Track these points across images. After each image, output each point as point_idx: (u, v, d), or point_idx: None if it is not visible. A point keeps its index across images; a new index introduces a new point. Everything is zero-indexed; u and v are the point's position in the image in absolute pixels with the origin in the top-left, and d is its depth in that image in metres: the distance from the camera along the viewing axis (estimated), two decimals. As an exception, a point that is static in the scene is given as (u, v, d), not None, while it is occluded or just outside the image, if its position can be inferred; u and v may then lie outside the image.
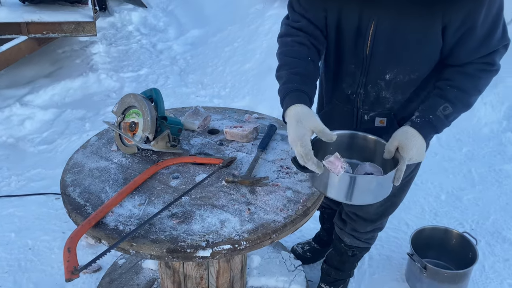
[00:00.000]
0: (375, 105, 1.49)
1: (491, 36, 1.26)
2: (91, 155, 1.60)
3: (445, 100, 1.33)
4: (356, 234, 1.89)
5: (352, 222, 1.86)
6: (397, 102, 1.47)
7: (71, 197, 1.37)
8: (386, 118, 1.49)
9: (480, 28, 1.24)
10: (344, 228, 1.91)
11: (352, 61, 1.43)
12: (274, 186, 1.44)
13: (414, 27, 1.28)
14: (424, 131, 1.32)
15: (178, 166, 1.54)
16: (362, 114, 1.52)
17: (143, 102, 1.56)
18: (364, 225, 1.84)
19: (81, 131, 3.42)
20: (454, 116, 1.36)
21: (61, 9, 4.19)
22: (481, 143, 3.30)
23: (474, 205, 2.67)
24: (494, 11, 1.23)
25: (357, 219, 1.83)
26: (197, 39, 5.29)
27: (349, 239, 1.92)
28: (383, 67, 1.39)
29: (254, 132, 1.71)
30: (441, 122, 1.33)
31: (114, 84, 4.29)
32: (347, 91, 1.51)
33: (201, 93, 4.16)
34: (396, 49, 1.34)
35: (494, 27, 1.25)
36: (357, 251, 1.97)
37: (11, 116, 3.50)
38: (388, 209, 1.80)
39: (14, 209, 2.55)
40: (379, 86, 1.44)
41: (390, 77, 1.41)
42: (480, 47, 1.28)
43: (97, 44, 5.03)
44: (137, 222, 1.27)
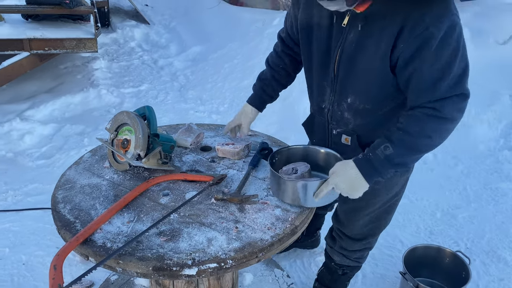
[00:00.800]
0: (340, 123, 1.57)
1: (439, 83, 1.25)
2: (83, 172, 1.62)
3: (388, 140, 1.34)
4: (345, 253, 1.89)
5: (340, 240, 1.87)
6: (358, 126, 1.53)
7: (61, 214, 1.39)
8: (350, 137, 1.56)
9: (428, 72, 1.25)
10: (334, 246, 1.93)
11: (324, 78, 1.53)
12: (263, 204, 1.45)
13: (364, 59, 1.35)
14: (362, 168, 1.36)
15: (169, 183, 1.55)
16: (331, 128, 1.62)
17: (136, 119, 1.58)
18: (351, 244, 1.85)
19: (79, 146, 3.44)
20: (398, 159, 1.33)
21: (63, 26, 4.27)
22: (477, 160, 3.30)
23: (469, 223, 2.66)
24: (444, 60, 1.23)
25: (344, 237, 1.84)
26: (198, 55, 5.35)
27: (338, 257, 1.93)
28: (345, 89, 1.48)
29: (246, 149, 1.73)
30: (380, 162, 1.34)
31: (114, 100, 4.33)
32: (321, 105, 1.61)
33: (200, 108, 4.19)
34: (353, 72, 1.41)
35: (443, 74, 1.24)
36: (347, 270, 1.97)
37: (11, 130, 3.53)
38: (373, 230, 1.81)
39: (10, 224, 2.56)
40: (343, 107, 1.52)
41: (350, 101, 1.49)
42: (426, 91, 1.28)
43: (99, 59, 5.09)
44: (125, 239, 1.28)
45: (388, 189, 1.64)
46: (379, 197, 1.66)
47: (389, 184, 1.62)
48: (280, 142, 1.88)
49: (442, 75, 1.25)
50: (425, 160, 3.30)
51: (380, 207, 1.70)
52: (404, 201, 2.82)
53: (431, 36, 1.21)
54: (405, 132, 1.32)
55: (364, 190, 1.39)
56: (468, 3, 5.64)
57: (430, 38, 1.21)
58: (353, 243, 1.84)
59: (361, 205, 1.67)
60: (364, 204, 1.65)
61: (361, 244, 1.84)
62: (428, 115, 1.29)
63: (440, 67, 1.24)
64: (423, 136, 1.31)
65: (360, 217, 1.74)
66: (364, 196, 1.43)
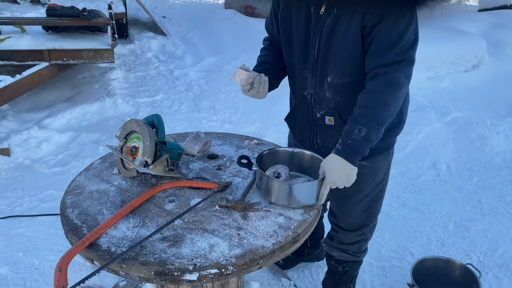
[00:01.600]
0: (322, 104, 1.67)
1: (394, 46, 1.43)
2: (92, 178, 1.66)
3: (356, 122, 1.46)
4: (343, 247, 1.95)
5: (337, 235, 1.95)
6: (338, 103, 1.64)
7: (69, 218, 1.42)
8: (333, 117, 1.67)
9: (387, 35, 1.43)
10: (332, 243, 1.99)
11: (305, 66, 1.65)
12: (266, 211, 1.46)
13: (343, 30, 1.49)
14: (347, 156, 1.45)
15: (175, 190, 1.58)
16: (315, 112, 1.71)
17: (144, 127, 1.62)
18: (347, 235, 1.92)
19: (94, 154, 3.51)
20: (373, 134, 1.46)
21: (82, 37, 4.39)
22: (493, 172, 3.24)
23: (482, 236, 2.61)
24: (401, 27, 1.42)
25: (339, 230, 1.93)
26: (213, 66, 5.42)
27: (337, 253, 1.98)
28: (325, 70, 1.60)
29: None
30: (361, 144, 1.45)
31: (130, 109, 4.42)
32: (303, 92, 1.71)
33: (213, 118, 4.24)
34: (331, 52, 1.55)
35: (398, 39, 1.42)
36: (348, 266, 2.00)
37: (29, 138, 3.64)
38: (366, 218, 1.89)
39: (25, 229, 2.63)
40: (324, 87, 1.64)
41: (330, 79, 1.61)
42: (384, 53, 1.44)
43: (116, 70, 5.21)
44: (129, 244, 1.30)
45: (373, 174, 1.76)
46: (366, 182, 1.77)
47: (374, 168, 1.75)
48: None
49: (398, 39, 1.42)
50: (438, 173, 3.27)
51: (369, 194, 1.81)
52: (415, 213, 2.81)
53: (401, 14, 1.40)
54: (365, 107, 1.47)
55: (355, 173, 1.48)
56: (485, 13, 5.59)
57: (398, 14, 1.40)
58: (349, 234, 1.91)
59: (351, 192, 1.72)
60: (354, 190, 1.70)
61: (357, 235, 1.91)
62: (380, 84, 1.46)
63: (397, 32, 1.42)
64: (383, 105, 1.45)
65: (352, 205, 1.84)
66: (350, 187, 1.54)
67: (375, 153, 1.69)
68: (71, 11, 4.23)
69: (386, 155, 1.78)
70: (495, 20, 5.07)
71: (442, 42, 4.25)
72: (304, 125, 1.79)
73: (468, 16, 5.44)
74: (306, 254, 2.32)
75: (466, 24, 4.83)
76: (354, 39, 1.49)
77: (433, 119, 3.67)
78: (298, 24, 1.61)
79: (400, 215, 2.81)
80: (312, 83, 1.66)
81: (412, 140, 3.50)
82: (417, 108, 3.66)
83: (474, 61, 4.31)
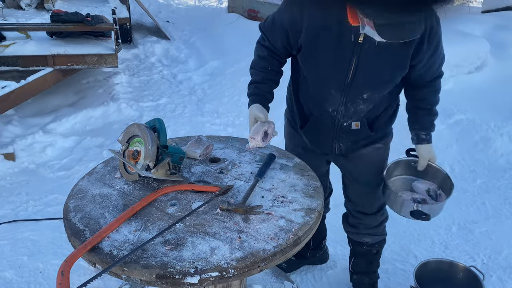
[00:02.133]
0: (353, 116, 1.78)
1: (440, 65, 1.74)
2: (95, 182, 1.67)
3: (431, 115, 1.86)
4: (372, 231, 2.03)
5: (362, 221, 2.01)
6: (369, 111, 1.78)
7: (71, 222, 1.43)
8: (360, 121, 1.79)
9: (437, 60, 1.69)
10: (359, 231, 2.04)
11: (333, 87, 1.70)
12: (267, 214, 1.46)
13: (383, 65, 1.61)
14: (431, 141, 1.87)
15: (177, 193, 1.59)
16: (341, 123, 1.80)
17: (146, 131, 1.63)
18: (374, 219, 2.01)
19: (98, 158, 3.54)
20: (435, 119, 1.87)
21: (85, 42, 4.43)
22: (496, 174, 3.23)
23: (487, 238, 2.60)
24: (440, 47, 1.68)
25: (365, 217, 2.01)
26: (216, 70, 5.45)
27: (369, 238, 2.05)
28: (361, 90, 1.69)
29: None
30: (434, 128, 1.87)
31: (134, 113, 4.45)
32: (328, 109, 1.77)
33: (216, 121, 4.25)
34: (368, 81, 1.66)
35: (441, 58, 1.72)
36: (379, 246, 2.09)
37: (34, 143, 3.67)
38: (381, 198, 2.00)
39: (29, 233, 2.65)
40: (358, 103, 1.72)
41: (367, 96, 1.70)
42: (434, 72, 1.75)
43: (120, 74, 5.25)
44: (131, 247, 1.31)
45: (385, 153, 1.95)
46: (381, 163, 1.94)
47: (386, 148, 1.93)
48: (288, 154, 1.90)
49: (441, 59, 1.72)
50: (441, 174, 3.25)
51: (379, 175, 1.93)
52: (419, 215, 2.79)
53: (440, 36, 1.62)
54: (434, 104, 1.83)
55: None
56: (488, 15, 5.57)
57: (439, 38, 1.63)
58: (375, 216, 2.01)
59: (372, 177, 1.93)
60: (374, 174, 1.92)
61: (380, 216, 2.01)
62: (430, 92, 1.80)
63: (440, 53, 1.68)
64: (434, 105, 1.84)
65: (373, 189, 1.96)
66: (370, 167, 1.91)
67: (386, 135, 1.90)
68: (75, 16, 4.27)
69: (392, 135, 1.96)
70: (498, 22, 5.06)
71: (445, 44, 4.22)
72: (324, 132, 1.85)
73: (471, 17, 5.43)
74: (309, 257, 2.32)
75: (470, 26, 4.83)
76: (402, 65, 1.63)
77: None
78: (327, 49, 1.60)
79: (403, 218, 2.78)
80: (341, 101, 1.72)
81: (415, 142, 3.49)
82: (420, 110, 3.65)
83: (478, 62, 4.30)
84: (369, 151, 1.88)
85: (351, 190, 2.01)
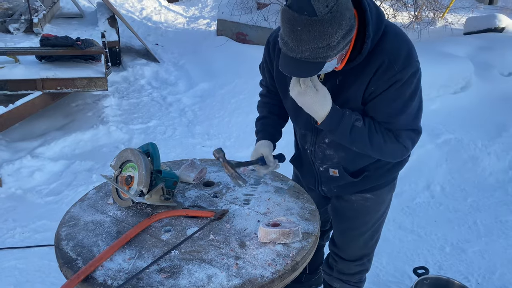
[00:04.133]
0: (324, 160, 1.72)
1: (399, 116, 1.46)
2: (87, 208, 1.64)
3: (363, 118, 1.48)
4: (344, 278, 1.96)
5: (337, 265, 1.96)
6: (343, 158, 1.67)
7: (63, 251, 1.40)
8: (337, 169, 1.70)
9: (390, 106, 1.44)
10: (332, 273, 1.99)
11: (303, 127, 1.69)
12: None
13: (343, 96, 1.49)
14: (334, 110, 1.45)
15: (171, 219, 1.57)
16: (317, 166, 1.75)
17: (139, 156, 1.62)
18: (348, 266, 1.93)
19: (87, 182, 3.49)
20: (356, 135, 1.47)
21: (75, 66, 4.42)
22: (486, 193, 3.26)
23: (480, 258, 2.60)
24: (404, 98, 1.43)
25: (340, 261, 1.93)
26: (205, 91, 5.46)
27: (338, 284, 1.98)
28: (323, 133, 1.64)
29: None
30: (347, 121, 1.46)
31: (123, 136, 4.41)
32: (304, 146, 1.77)
33: (207, 143, 4.24)
34: None
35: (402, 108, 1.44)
36: None
37: (21, 168, 3.60)
38: (367, 249, 1.93)
39: (16, 261, 2.57)
40: (323, 147, 1.68)
41: (328, 141, 1.65)
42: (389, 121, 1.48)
43: (109, 97, 5.22)
44: (126, 276, 1.28)
45: (377, 206, 1.80)
46: (370, 215, 1.81)
47: (378, 200, 1.79)
48: (283, 177, 1.89)
49: (402, 110, 1.45)
50: (432, 194, 3.28)
51: (372, 226, 1.84)
52: (412, 236, 2.80)
53: (398, 80, 1.40)
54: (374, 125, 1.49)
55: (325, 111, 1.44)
56: (470, 37, 5.73)
57: (397, 81, 1.41)
58: (350, 264, 1.92)
59: (355, 224, 1.83)
60: (358, 223, 1.81)
61: (357, 265, 1.92)
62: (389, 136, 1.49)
63: (401, 103, 1.44)
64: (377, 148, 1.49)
65: (355, 237, 1.86)
66: (357, 214, 1.74)
67: (379, 186, 1.74)
68: (65, 40, 4.27)
69: (390, 188, 1.81)
70: (480, 43, 5.21)
71: (430, 65, 4.33)
72: (308, 174, 1.84)
73: (454, 39, 5.59)
74: (303, 281, 2.29)
75: (453, 47, 4.95)
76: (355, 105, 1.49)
77: (425, 140, 3.70)
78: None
79: (396, 238, 2.80)
80: (311, 140, 1.70)
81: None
82: (409, 130, 3.70)
83: (463, 83, 4.40)
84: (357, 198, 1.78)
85: (335, 229, 1.95)
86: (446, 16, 7.58)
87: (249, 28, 6.39)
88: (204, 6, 9.79)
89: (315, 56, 1.26)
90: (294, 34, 1.22)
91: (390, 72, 1.40)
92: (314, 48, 1.23)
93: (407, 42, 1.44)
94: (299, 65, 1.29)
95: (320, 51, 1.24)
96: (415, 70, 1.42)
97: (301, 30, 1.21)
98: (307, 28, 1.20)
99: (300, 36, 1.22)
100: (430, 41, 5.70)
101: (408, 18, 6.52)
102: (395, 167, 1.72)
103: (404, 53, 1.41)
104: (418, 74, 1.44)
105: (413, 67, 1.42)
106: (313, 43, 1.22)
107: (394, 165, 1.70)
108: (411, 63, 1.41)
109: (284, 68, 1.34)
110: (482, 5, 8.99)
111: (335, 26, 1.21)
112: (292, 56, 1.28)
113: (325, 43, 1.23)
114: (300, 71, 1.33)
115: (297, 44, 1.24)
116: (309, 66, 1.29)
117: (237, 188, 1.76)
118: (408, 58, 1.41)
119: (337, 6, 1.20)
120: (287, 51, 1.28)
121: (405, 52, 1.41)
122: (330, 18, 1.20)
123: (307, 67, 1.30)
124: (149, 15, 8.98)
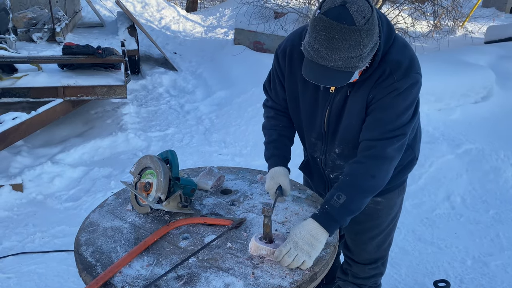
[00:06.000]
0: (334, 168, 1.74)
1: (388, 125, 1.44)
2: (106, 214, 1.66)
3: (338, 189, 1.45)
4: (358, 282, 1.94)
5: (351, 268, 1.95)
6: None
7: (83, 256, 1.41)
8: None
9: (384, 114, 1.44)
10: (347, 278, 1.98)
11: (314, 136, 1.70)
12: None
13: (350, 115, 1.52)
14: (322, 220, 1.40)
15: (189, 226, 1.57)
16: (327, 173, 1.77)
17: (158, 163, 1.63)
18: (362, 269, 1.92)
19: (106, 188, 3.53)
20: (352, 204, 1.44)
21: (95, 74, 4.50)
22: (509, 205, 3.18)
23: (503, 272, 2.53)
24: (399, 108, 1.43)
25: (354, 264, 1.93)
26: (223, 100, 5.50)
27: None
28: (333, 143, 1.66)
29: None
30: (337, 211, 1.42)
31: (142, 143, 4.46)
32: (314, 155, 1.78)
33: (224, 151, 4.25)
34: (339, 131, 1.61)
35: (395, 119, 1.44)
36: None
37: (42, 173, 3.67)
38: (380, 252, 1.91)
39: (36, 266, 2.61)
40: (333, 156, 1.69)
41: (338, 151, 1.67)
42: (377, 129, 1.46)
43: (128, 105, 5.30)
44: (144, 283, 1.28)
45: (389, 209, 1.80)
46: (381, 218, 1.81)
47: (389, 204, 1.78)
48: (300, 186, 1.88)
49: (394, 120, 1.44)
50: (453, 205, 3.21)
51: (384, 229, 1.83)
52: (432, 248, 2.74)
53: (396, 89, 1.41)
54: (351, 176, 1.47)
55: (322, 244, 1.38)
56: (491, 46, 5.64)
57: (394, 90, 1.41)
58: (364, 268, 1.91)
59: (367, 227, 1.81)
60: (369, 226, 1.81)
61: (371, 268, 1.91)
62: (370, 156, 1.46)
63: (394, 113, 1.43)
64: (370, 176, 1.45)
65: (367, 240, 1.85)
66: (368, 218, 1.72)
67: (389, 190, 1.73)
68: (86, 49, 4.35)
69: (400, 190, 1.81)
70: (502, 52, 5.12)
71: (450, 74, 4.28)
72: (318, 180, 1.85)
73: (475, 48, 5.50)
74: None
75: (474, 56, 4.88)
76: (363, 115, 1.51)
77: (445, 151, 3.64)
78: (305, 97, 1.63)
79: (416, 250, 2.74)
80: (322, 149, 1.71)
81: (425, 172, 3.47)
82: (429, 140, 3.65)
83: (484, 92, 4.32)
84: (369, 202, 1.66)
85: (348, 233, 1.92)
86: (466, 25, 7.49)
87: (266, 37, 6.42)
88: (221, 16, 9.90)
89: (347, 66, 1.28)
90: (329, 42, 1.23)
91: (389, 80, 1.41)
92: (348, 57, 1.25)
93: (410, 54, 1.46)
94: (329, 73, 1.31)
95: (353, 60, 1.26)
96: (414, 81, 1.42)
97: (338, 38, 1.22)
98: (344, 36, 1.22)
99: (336, 44, 1.23)
100: (450, 50, 5.63)
101: (427, 27, 6.47)
102: (404, 170, 1.73)
103: (405, 63, 1.42)
104: (417, 86, 1.44)
105: (413, 79, 1.42)
106: (347, 52, 1.24)
107: (403, 168, 1.72)
108: (411, 74, 1.42)
109: (311, 76, 1.35)
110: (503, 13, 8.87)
111: (369, 37, 1.25)
112: (324, 64, 1.28)
113: (358, 53, 1.25)
114: (328, 79, 1.34)
115: (331, 52, 1.25)
116: (339, 75, 1.31)
117: (255, 197, 1.75)
118: (409, 68, 1.42)
119: (372, 19, 1.24)
120: (318, 59, 1.28)
121: (406, 62, 1.42)
122: (367, 29, 1.23)
123: (337, 76, 1.32)
124: (168, 24, 9.12)
